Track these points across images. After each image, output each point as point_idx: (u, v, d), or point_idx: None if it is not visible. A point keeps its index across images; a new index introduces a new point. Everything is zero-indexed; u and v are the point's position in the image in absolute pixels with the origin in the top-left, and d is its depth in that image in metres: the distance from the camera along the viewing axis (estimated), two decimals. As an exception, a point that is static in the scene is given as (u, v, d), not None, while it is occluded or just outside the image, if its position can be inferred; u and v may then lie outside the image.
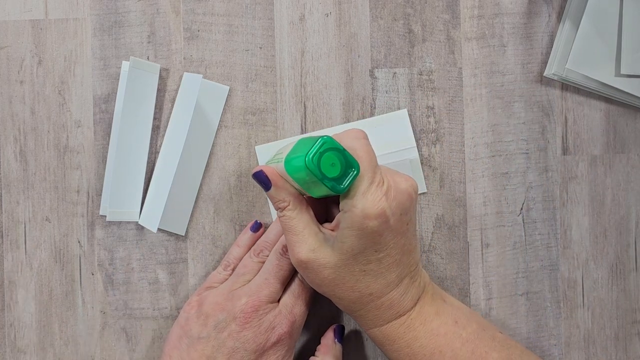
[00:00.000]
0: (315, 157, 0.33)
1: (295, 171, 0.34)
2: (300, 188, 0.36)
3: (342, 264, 0.35)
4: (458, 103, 0.45)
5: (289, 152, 0.35)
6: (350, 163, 0.33)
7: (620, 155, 0.46)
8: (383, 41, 0.45)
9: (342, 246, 0.35)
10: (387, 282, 0.36)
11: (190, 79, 0.44)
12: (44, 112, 0.44)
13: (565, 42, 0.44)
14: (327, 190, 0.33)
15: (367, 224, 0.34)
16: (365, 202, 0.34)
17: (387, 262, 0.36)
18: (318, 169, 0.33)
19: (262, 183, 0.37)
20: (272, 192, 0.37)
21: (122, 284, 0.45)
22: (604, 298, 0.46)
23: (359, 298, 0.37)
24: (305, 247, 0.36)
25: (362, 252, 0.35)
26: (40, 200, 0.44)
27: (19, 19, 0.44)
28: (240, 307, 0.38)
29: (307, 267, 0.36)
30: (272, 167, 0.37)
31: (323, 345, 0.42)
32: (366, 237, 0.34)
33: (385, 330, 0.37)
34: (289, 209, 0.37)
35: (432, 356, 0.37)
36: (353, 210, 0.34)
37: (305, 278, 0.38)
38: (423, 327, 0.37)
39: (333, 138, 0.34)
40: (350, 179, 0.33)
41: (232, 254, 0.43)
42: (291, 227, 0.36)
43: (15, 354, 0.44)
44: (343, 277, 0.36)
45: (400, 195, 0.35)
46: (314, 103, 0.45)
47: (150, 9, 0.44)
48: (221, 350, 0.38)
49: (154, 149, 0.44)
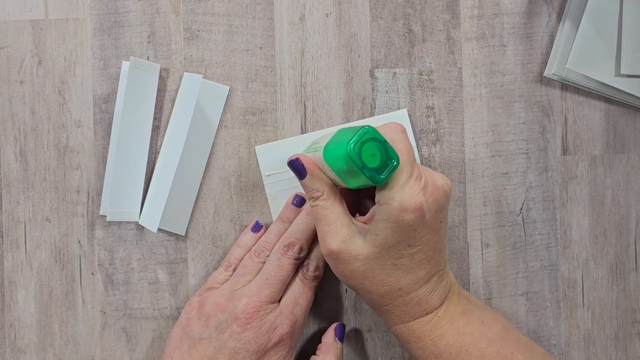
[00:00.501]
0: (357, 146, 0.32)
1: (334, 160, 0.34)
2: (337, 178, 0.35)
3: (374, 256, 0.35)
4: (458, 103, 0.45)
5: (328, 140, 0.35)
6: (390, 155, 0.33)
7: (620, 155, 0.46)
8: (383, 41, 0.45)
9: (376, 238, 0.35)
10: (417, 278, 0.36)
11: (190, 79, 0.44)
12: (44, 112, 0.44)
13: (565, 42, 0.44)
14: (365, 180, 0.33)
15: (403, 217, 0.34)
16: (403, 195, 0.33)
17: (419, 257, 0.36)
18: (359, 158, 0.32)
19: (297, 171, 0.37)
20: (307, 181, 0.37)
21: (122, 284, 0.45)
22: (603, 298, 0.46)
23: (388, 292, 0.36)
24: (338, 237, 0.36)
25: (395, 246, 0.35)
26: (41, 200, 0.44)
27: (19, 19, 0.44)
28: (241, 307, 0.38)
29: (338, 258, 0.36)
30: (308, 156, 0.37)
31: (324, 344, 0.42)
32: (401, 230, 0.34)
33: (412, 327, 0.37)
34: (323, 198, 0.36)
35: (459, 355, 0.36)
36: (390, 203, 0.34)
37: (334, 270, 0.37)
38: (450, 325, 0.37)
39: (375, 129, 0.33)
40: (390, 171, 0.33)
41: (233, 254, 0.43)
42: (324, 217, 0.36)
43: (15, 354, 0.44)
44: (373, 270, 0.36)
45: (437, 191, 0.35)
46: (314, 103, 0.45)
47: (150, 9, 0.44)
48: (222, 351, 0.38)
49: (154, 149, 0.44)
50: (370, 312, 0.45)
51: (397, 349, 0.45)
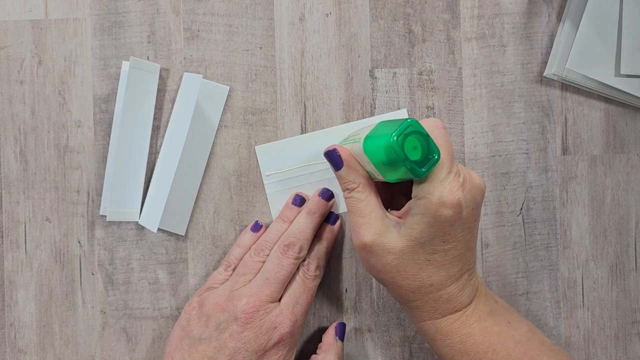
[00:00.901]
0: (400, 138, 0.32)
1: (374, 151, 0.34)
2: (374, 171, 0.35)
3: (408, 250, 0.35)
4: (458, 103, 0.45)
5: (368, 132, 0.35)
6: (432, 149, 0.33)
7: (620, 155, 0.46)
8: (383, 41, 0.45)
9: (411, 232, 0.35)
10: (449, 274, 0.36)
11: (190, 79, 0.44)
12: (44, 112, 0.44)
13: (565, 42, 0.44)
14: (404, 173, 0.33)
15: (441, 212, 0.34)
16: (442, 190, 0.34)
17: (452, 254, 0.36)
18: (401, 150, 0.32)
19: (333, 162, 0.37)
20: (343, 173, 0.37)
21: (122, 284, 0.45)
22: (603, 298, 0.46)
23: (419, 288, 0.36)
24: (372, 230, 0.36)
25: (430, 241, 0.35)
26: (41, 200, 0.44)
27: (19, 19, 0.44)
28: (241, 307, 0.38)
29: (371, 250, 0.36)
30: (346, 147, 0.37)
31: (325, 343, 0.42)
32: (437, 225, 0.34)
33: (440, 324, 0.37)
34: (358, 190, 0.36)
35: (485, 354, 0.36)
36: (429, 197, 0.34)
37: (365, 263, 0.37)
38: (478, 324, 0.37)
39: (419, 122, 0.33)
40: (431, 165, 0.33)
41: (233, 254, 0.43)
42: (358, 209, 0.36)
43: (15, 353, 0.44)
44: (406, 265, 0.36)
45: (474, 189, 0.35)
46: (314, 103, 0.45)
47: (150, 9, 0.44)
48: (222, 351, 0.38)
49: (154, 149, 0.44)
50: (370, 312, 0.45)
51: (397, 348, 0.45)
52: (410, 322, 0.45)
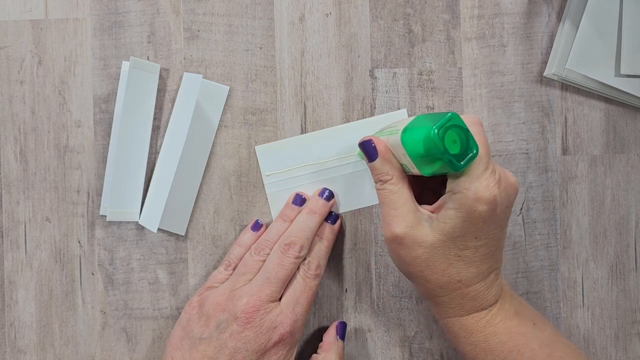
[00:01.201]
0: (442, 131, 0.32)
1: (412, 143, 0.34)
2: (410, 163, 0.35)
3: (439, 244, 0.35)
4: (458, 103, 0.45)
5: (406, 124, 0.35)
6: (471, 144, 0.33)
7: (620, 155, 0.46)
8: (383, 41, 0.45)
9: (444, 226, 0.35)
10: (478, 272, 0.36)
11: (190, 79, 0.44)
12: (44, 112, 0.44)
13: (565, 42, 0.44)
14: (441, 167, 0.33)
15: (476, 207, 0.34)
16: (479, 186, 0.34)
17: (483, 251, 0.36)
18: (442, 142, 0.32)
19: (367, 153, 0.37)
20: (377, 164, 0.37)
21: (122, 284, 0.45)
22: (603, 298, 0.46)
23: (447, 283, 0.36)
24: (404, 222, 0.36)
25: (462, 236, 0.35)
26: (41, 200, 0.44)
27: (19, 19, 0.44)
28: (241, 307, 0.38)
29: (402, 242, 0.36)
30: (381, 139, 0.37)
31: (325, 342, 0.42)
32: (471, 220, 0.34)
33: (465, 321, 0.37)
34: (392, 182, 0.36)
35: (510, 354, 0.36)
36: (465, 192, 0.34)
37: (395, 256, 0.37)
38: (503, 324, 0.37)
39: (460, 116, 0.33)
40: (469, 159, 0.33)
41: (233, 253, 0.43)
42: (391, 201, 0.36)
43: (15, 353, 0.44)
44: (436, 259, 0.36)
45: (509, 187, 0.35)
46: (314, 103, 0.45)
47: (150, 9, 0.44)
48: (223, 351, 0.38)
49: (154, 149, 0.44)
50: (370, 312, 0.45)
51: (397, 348, 0.45)
52: (410, 323, 0.45)
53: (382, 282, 0.45)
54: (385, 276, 0.45)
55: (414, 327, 0.45)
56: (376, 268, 0.45)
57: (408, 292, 0.45)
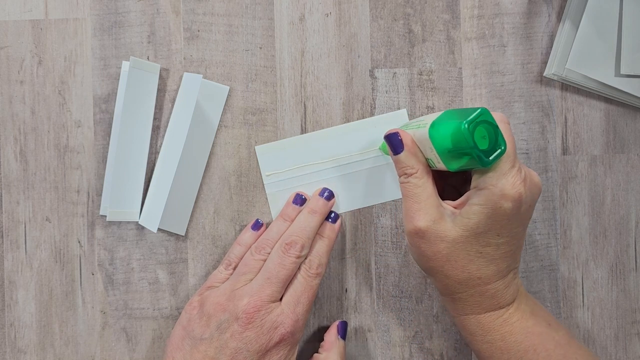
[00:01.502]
0: (472, 126, 0.33)
1: (440, 138, 0.34)
2: (436, 158, 0.35)
3: (462, 240, 0.35)
4: (458, 103, 0.45)
5: (435, 119, 0.35)
6: (499, 140, 0.33)
7: (620, 155, 0.46)
8: (383, 41, 0.45)
9: (467, 222, 0.35)
10: (498, 269, 0.36)
11: (190, 79, 0.44)
12: (44, 112, 0.44)
13: (565, 42, 0.44)
14: (468, 162, 0.33)
15: (501, 204, 0.34)
16: (505, 183, 0.34)
17: (504, 249, 0.36)
18: (472, 137, 0.32)
19: (393, 145, 0.37)
20: (402, 157, 0.37)
21: (122, 284, 0.45)
22: (603, 298, 0.46)
23: (467, 280, 0.36)
24: (427, 216, 0.36)
25: (485, 233, 0.35)
26: (41, 200, 0.44)
27: (19, 19, 0.44)
28: (242, 307, 0.38)
29: (424, 236, 0.36)
30: (407, 132, 0.37)
31: (327, 342, 0.42)
32: (495, 217, 0.34)
33: (481, 319, 0.37)
34: (416, 176, 0.36)
35: (526, 354, 0.36)
36: (490, 188, 0.34)
37: (415, 250, 0.37)
38: (520, 323, 0.37)
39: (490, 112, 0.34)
40: (497, 155, 0.33)
41: (234, 252, 0.43)
42: (415, 194, 0.36)
43: (15, 353, 0.44)
44: (457, 255, 0.36)
45: (534, 187, 0.35)
46: (314, 103, 0.45)
47: (150, 9, 0.44)
48: (224, 351, 0.37)
49: (154, 149, 0.44)
50: (370, 312, 0.45)
51: (397, 348, 0.45)
52: (410, 323, 0.45)
53: (382, 282, 0.45)
54: (385, 276, 0.45)
55: (414, 327, 0.45)
56: (376, 268, 0.45)
57: (408, 292, 0.45)
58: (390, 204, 0.45)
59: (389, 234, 0.45)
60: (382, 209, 0.45)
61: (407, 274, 0.45)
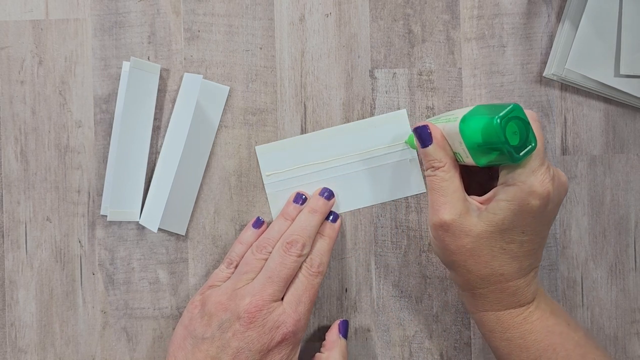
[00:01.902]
0: (504, 121, 0.33)
1: (470, 132, 0.34)
2: (464, 152, 0.35)
3: (486, 235, 0.35)
4: (458, 103, 0.45)
5: (465, 113, 0.35)
6: (530, 137, 0.33)
7: (619, 155, 0.46)
8: (383, 41, 0.45)
9: (493, 217, 0.35)
10: (520, 267, 0.36)
11: (190, 80, 0.44)
12: (45, 112, 0.44)
13: (565, 42, 0.44)
14: (497, 158, 0.34)
15: (529, 201, 0.34)
16: (534, 180, 0.34)
17: (527, 247, 0.36)
18: (503, 132, 0.32)
19: (422, 138, 0.37)
20: (431, 150, 0.37)
21: (123, 284, 0.45)
22: (603, 298, 0.46)
23: (489, 276, 0.36)
24: (453, 210, 0.36)
25: (510, 230, 0.35)
26: (41, 200, 0.44)
27: (19, 19, 0.44)
28: (244, 307, 0.38)
29: (449, 230, 0.36)
30: (437, 126, 0.37)
31: (328, 341, 0.42)
32: (522, 214, 0.34)
33: (502, 316, 0.37)
34: (444, 170, 0.36)
35: (545, 352, 0.37)
36: (519, 185, 0.34)
37: (439, 243, 0.37)
38: (540, 322, 0.37)
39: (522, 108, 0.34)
40: (528, 152, 0.33)
41: (235, 251, 0.42)
42: (442, 188, 0.36)
43: (16, 353, 0.44)
44: (481, 250, 0.36)
45: (561, 186, 0.36)
46: (314, 103, 0.45)
47: (150, 9, 0.45)
48: (226, 351, 0.38)
49: (155, 149, 0.44)
50: (370, 312, 0.45)
51: (397, 348, 0.45)
52: (410, 322, 0.45)
53: (382, 282, 0.45)
54: (385, 276, 0.45)
55: (414, 327, 0.45)
56: (376, 268, 0.45)
57: (408, 291, 0.45)
58: (390, 204, 0.45)
59: (389, 234, 0.45)
60: (382, 209, 0.45)
61: (407, 274, 0.45)
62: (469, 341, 0.45)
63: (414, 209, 0.45)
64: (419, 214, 0.45)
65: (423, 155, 0.38)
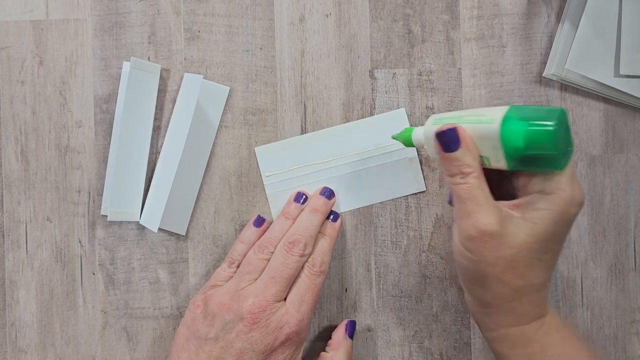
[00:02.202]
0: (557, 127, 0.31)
1: (512, 135, 0.32)
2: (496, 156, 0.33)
3: (526, 246, 0.33)
4: (457, 103, 0.45)
5: (503, 115, 0.32)
6: (569, 142, 0.32)
7: (619, 155, 0.46)
8: (383, 42, 0.45)
9: (534, 227, 0.33)
10: (548, 277, 0.34)
11: (190, 80, 0.44)
12: (45, 112, 0.45)
13: (565, 42, 0.44)
14: (538, 163, 0.32)
15: (570, 210, 0.33)
16: (574, 188, 0.32)
17: (556, 257, 0.34)
18: (556, 139, 0.31)
19: (449, 141, 0.34)
20: (460, 154, 0.34)
21: (123, 284, 0.45)
22: (603, 298, 0.46)
23: (523, 287, 0.34)
24: (492, 219, 0.32)
25: (547, 240, 0.33)
26: (42, 200, 0.44)
27: (20, 20, 0.44)
28: (247, 307, 0.38)
29: (489, 242, 0.33)
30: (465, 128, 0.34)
31: (334, 341, 0.42)
32: (562, 223, 0.33)
33: (526, 330, 0.35)
34: (474, 176, 0.33)
35: None
36: (560, 193, 0.32)
37: (472, 256, 0.34)
38: (557, 334, 0.35)
39: None
40: (567, 158, 0.32)
41: (236, 250, 0.42)
42: (474, 196, 0.33)
43: (16, 353, 0.44)
44: (520, 261, 0.33)
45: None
46: (314, 103, 0.45)
47: (150, 9, 0.45)
48: (229, 352, 0.37)
49: (155, 149, 0.44)
50: (370, 311, 0.45)
51: (397, 348, 0.45)
52: (410, 322, 0.45)
53: (382, 281, 0.45)
54: (385, 276, 0.45)
55: (414, 327, 0.45)
56: (376, 268, 0.45)
57: (408, 291, 0.45)
58: (389, 204, 0.45)
59: (388, 234, 0.45)
60: (382, 208, 0.45)
61: (406, 274, 0.45)
62: (469, 341, 0.45)
63: (414, 208, 0.45)
64: (419, 214, 0.45)
65: (447, 160, 0.34)
